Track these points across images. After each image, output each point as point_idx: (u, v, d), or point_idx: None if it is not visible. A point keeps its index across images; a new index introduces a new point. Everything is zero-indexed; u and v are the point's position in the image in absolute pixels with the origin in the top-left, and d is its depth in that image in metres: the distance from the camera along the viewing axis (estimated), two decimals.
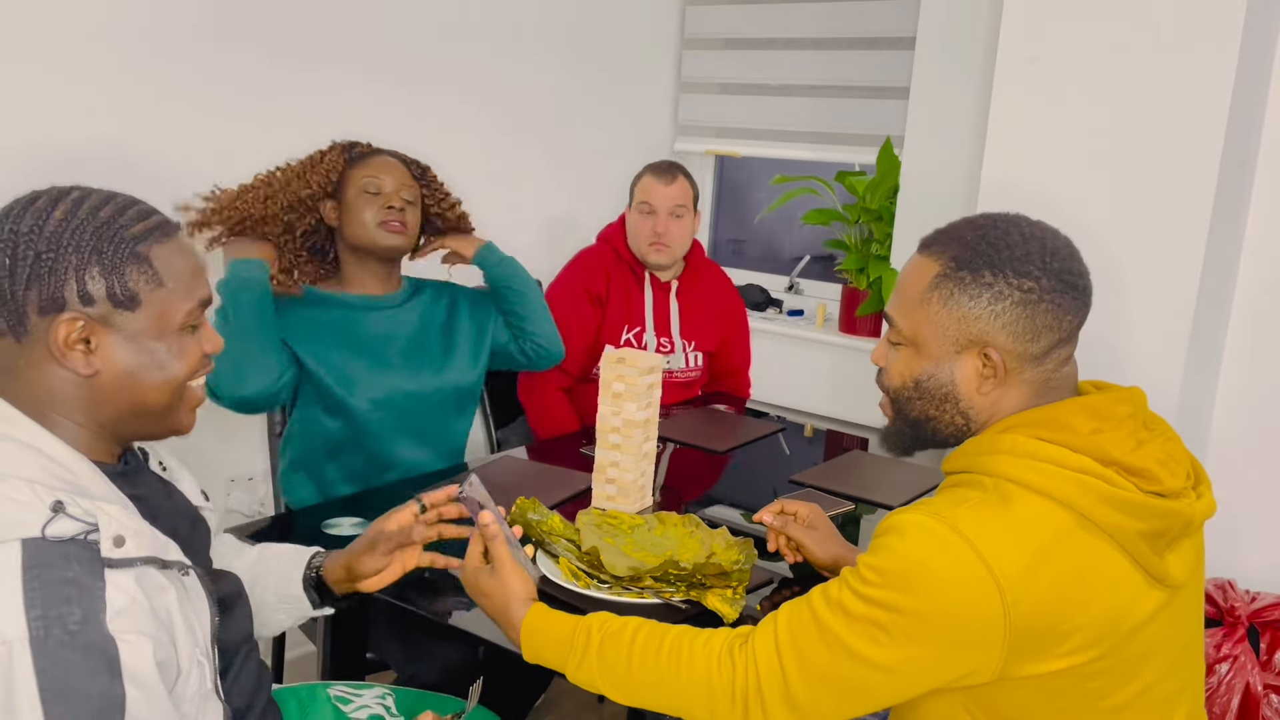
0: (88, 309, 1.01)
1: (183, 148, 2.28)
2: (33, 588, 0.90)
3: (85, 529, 0.95)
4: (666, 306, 2.65)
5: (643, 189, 2.60)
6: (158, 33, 2.20)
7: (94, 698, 0.91)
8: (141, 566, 0.99)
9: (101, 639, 0.92)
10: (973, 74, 2.78)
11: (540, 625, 1.25)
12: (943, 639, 1.04)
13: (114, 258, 1.02)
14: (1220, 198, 2.19)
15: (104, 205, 1.04)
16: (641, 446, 1.85)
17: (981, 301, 1.16)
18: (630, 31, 3.33)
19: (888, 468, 2.23)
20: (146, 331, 1.04)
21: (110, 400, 1.05)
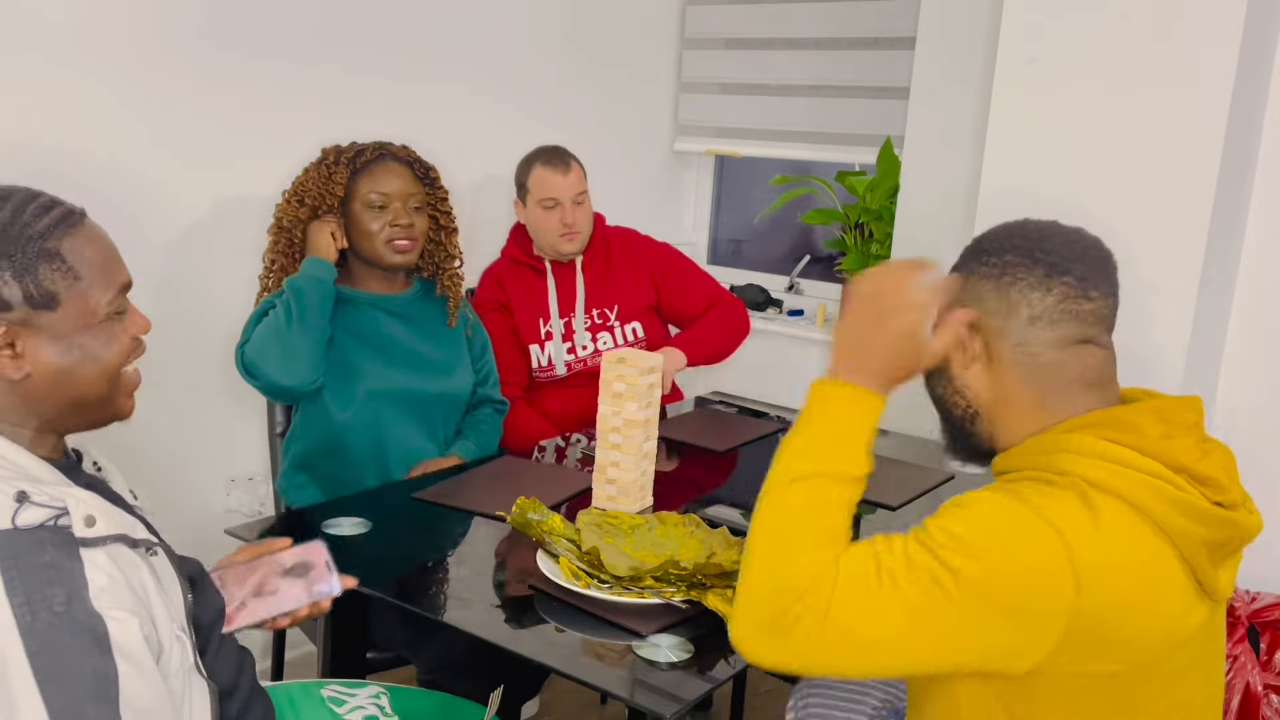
0: (6, 314, 1.00)
1: (179, 147, 2.28)
2: (11, 576, 0.91)
3: (55, 513, 0.96)
4: (572, 287, 2.61)
5: (541, 184, 2.52)
6: (154, 29, 2.20)
7: (87, 675, 0.92)
8: (113, 544, 1.00)
9: (88, 617, 0.93)
10: (973, 74, 2.78)
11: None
12: (1002, 606, 1.00)
13: (23, 259, 1.00)
14: (1221, 198, 2.20)
15: (3, 204, 1.02)
16: (642, 446, 1.85)
17: None
18: (630, 31, 3.33)
19: (888, 468, 2.23)
20: (71, 328, 1.04)
21: (46, 398, 1.05)
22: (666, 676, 1.34)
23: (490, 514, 1.79)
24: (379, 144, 2.14)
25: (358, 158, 2.10)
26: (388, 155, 2.12)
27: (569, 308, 2.60)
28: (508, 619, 1.48)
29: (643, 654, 1.38)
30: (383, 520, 1.76)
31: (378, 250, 2.09)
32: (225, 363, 2.26)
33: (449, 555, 1.68)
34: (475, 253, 2.94)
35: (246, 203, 2.38)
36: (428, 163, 2.18)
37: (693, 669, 1.36)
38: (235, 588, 1.32)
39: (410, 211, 2.10)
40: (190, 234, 2.31)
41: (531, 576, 1.57)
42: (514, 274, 2.61)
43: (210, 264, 2.34)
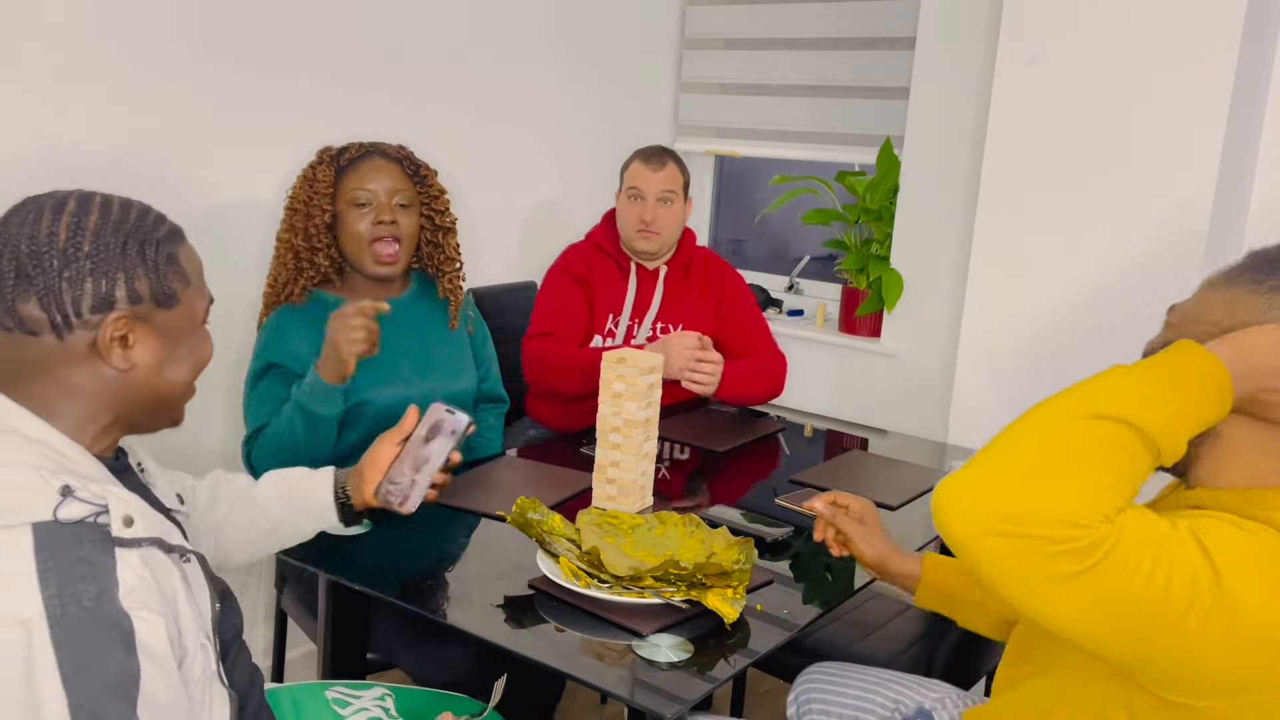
0: (134, 308, 1.06)
1: (175, 153, 2.28)
2: (46, 568, 0.93)
3: (95, 510, 0.98)
4: (650, 297, 2.60)
5: (631, 174, 2.55)
6: (148, 37, 2.20)
7: (110, 671, 0.93)
8: (148, 547, 1.02)
9: (116, 615, 0.95)
10: (973, 74, 2.79)
11: None
12: (1252, 638, 0.97)
13: (155, 259, 1.07)
14: (1220, 197, 2.20)
15: (128, 209, 1.08)
16: (642, 446, 1.85)
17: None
18: (630, 31, 3.33)
19: (886, 467, 2.23)
20: (178, 328, 1.10)
21: (135, 394, 1.08)
22: (666, 676, 1.34)
23: (490, 514, 1.79)
24: (369, 142, 2.09)
25: (342, 155, 2.05)
26: (375, 152, 2.06)
27: (640, 313, 2.58)
28: (508, 619, 1.48)
29: (643, 654, 1.38)
30: (383, 520, 1.76)
31: (362, 256, 2.02)
32: (224, 364, 2.26)
33: (449, 555, 1.68)
34: (479, 254, 2.95)
35: (249, 206, 2.38)
36: (420, 161, 2.13)
37: (693, 669, 1.36)
38: (399, 479, 1.51)
39: (396, 209, 2.02)
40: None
41: (532, 576, 1.58)
42: (599, 261, 2.59)
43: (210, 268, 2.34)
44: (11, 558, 0.92)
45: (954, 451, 2.44)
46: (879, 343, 3.05)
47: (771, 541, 1.77)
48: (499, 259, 3.04)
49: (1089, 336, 2.33)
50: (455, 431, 1.52)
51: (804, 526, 1.87)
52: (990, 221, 2.47)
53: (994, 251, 2.47)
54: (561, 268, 2.59)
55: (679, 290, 2.62)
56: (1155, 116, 2.22)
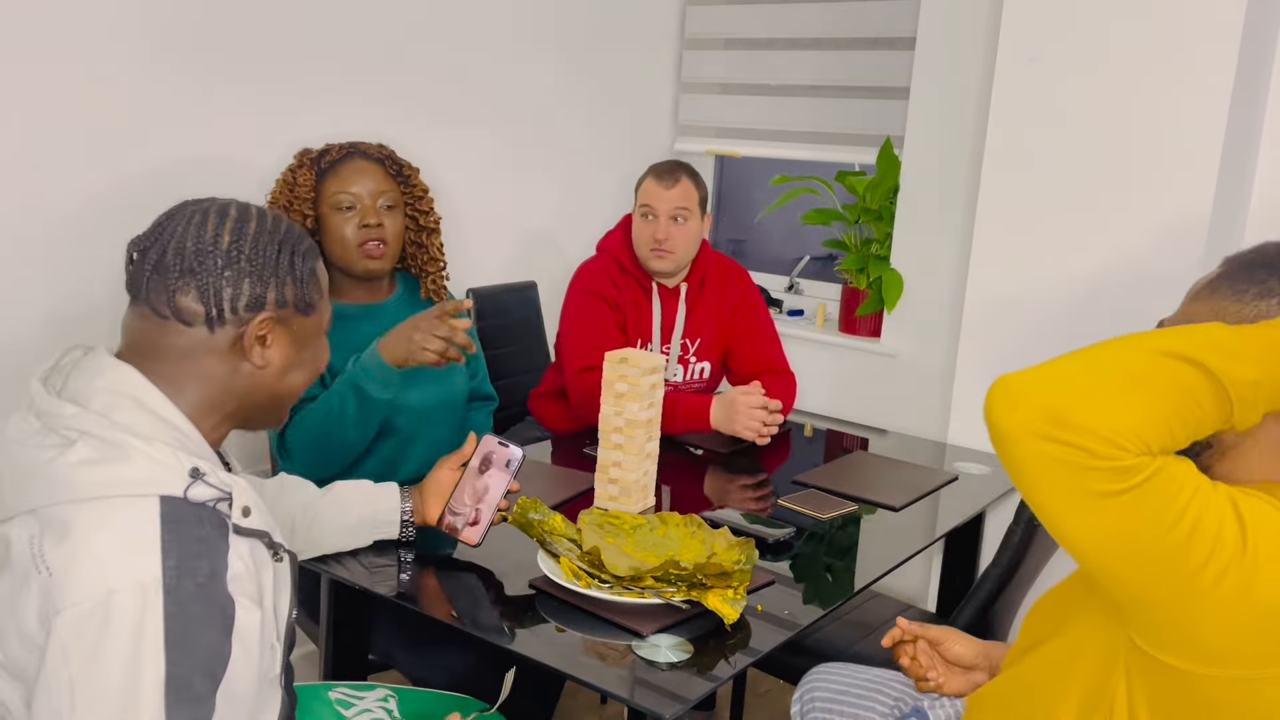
0: (281, 310, 1.13)
1: (172, 152, 2.28)
2: (170, 538, 0.98)
3: (220, 497, 1.04)
4: (674, 316, 2.56)
5: (644, 192, 2.49)
6: (156, 30, 2.21)
7: (206, 649, 0.98)
8: (256, 539, 1.08)
9: (222, 597, 1.00)
10: (973, 74, 2.79)
11: None
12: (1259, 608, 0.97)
13: (302, 268, 1.15)
14: (1220, 197, 2.20)
15: (280, 222, 1.17)
16: (644, 447, 1.85)
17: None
18: (630, 31, 3.33)
19: (888, 468, 2.23)
20: (310, 335, 1.18)
21: (260, 392, 1.15)
22: (666, 676, 1.34)
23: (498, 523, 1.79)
24: (348, 143, 2.07)
25: (323, 158, 2.03)
26: (355, 153, 2.03)
27: (667, 333, 2.54)
28: (508, 619, 1.48)
29: (643, 654, 1.38)
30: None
31: (350, 257, 2.01)
32: None
33: (449, 555, 1.68)
34: (479, 254, 2.95)
35: None
36: (402, 160, 2.11)
37: (693, 669, 1.36)
38: (460, 509, 1.61)
39: (381, 211, 2.00)
40: None
41: (532, 576, 1.58)
42: (624, 281, 2.52)
43: None
44: (140, 526, 0.98)
45: (954, 451, 2.44)
46: (879, 343, 3.05)
47: (773, 542, 1.77)
48: (498, 259, 3.04)
49: (1089, 336, 2.33)
50: (510, 463, 1.60)
51: (804, 527, 1.88)
52: (990, 221, 2.47)
53: (994, 251, 2.47)
54: (591, 290, 2.49)
55: (697, 304, 2.58)
56: (1155, 116, 2.22)
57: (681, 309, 2.56)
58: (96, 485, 0.99)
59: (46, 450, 1.02)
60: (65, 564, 0.96)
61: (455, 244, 2.90)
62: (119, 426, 1.03)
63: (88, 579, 0.95)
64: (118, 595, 0.94)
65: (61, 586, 0.95)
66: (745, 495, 2.05)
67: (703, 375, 2.60)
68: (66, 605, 0.94)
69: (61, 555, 0.96)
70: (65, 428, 1.03)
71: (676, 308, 2.56)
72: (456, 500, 1.62)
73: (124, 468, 1.00)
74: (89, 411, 1.03)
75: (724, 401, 2.30)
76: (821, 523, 1.90)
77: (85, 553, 0.96)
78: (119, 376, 1.07)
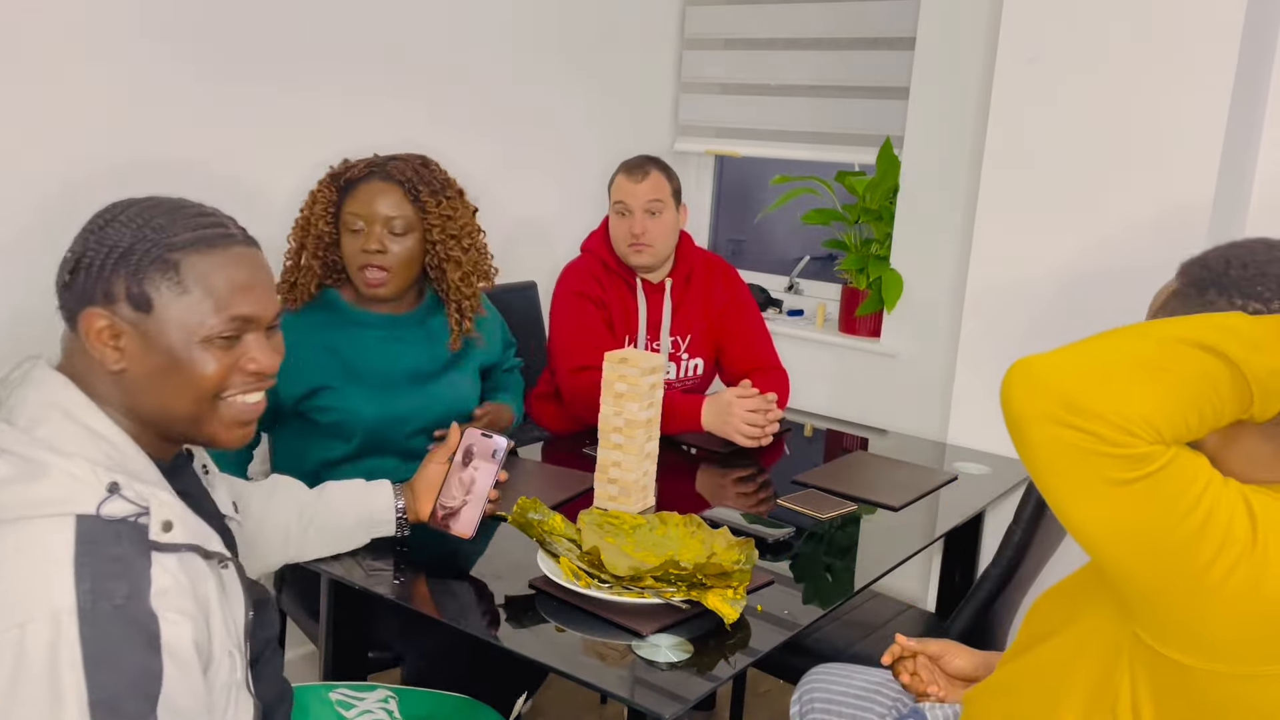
0: (111, 306, 1.06)
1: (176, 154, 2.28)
2: (83, 562, 0.95)
3: (136, 511, 1.01)
4: (659, 312, 2.56)
5: (616, 189, 2.49)
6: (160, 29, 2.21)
7: (133, 669, 0.95)
8: (185, 552, 1.04)
9: (144, 615, 0.97)
10: (973, 74, 2.79)
11: None
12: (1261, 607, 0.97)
13: (140, 261, 1.05)
14: (1220, 197, 2.20)
15: (165, 213, 1.08)
16: (644, 446, 1.85)
17: None
18: (630, 31, 3.33)
19: (888, 468, 2.23)
20: (166, 336, 1.07)
21: (140, 397, 1.08)
22: (666, 676, 1.34)
23: (492, 514, 1.79)
24: (373, 160, 2.03)
25: (345, 174, 2.00)
26: (376, 173, 1.99)
27: (654, 329, 2.54)
28: (508, 619, 1.48)
29: (643, 654, 1.38)
30: None
31: (355, 279, 1.99)
32: None
33: (449, 555, 1.68)
34: None
35: (255, 211, 2.38)
36: (432, 181, 2.02)
37: (693, 669, 1.36)
38: (450, 501, 1.63)
39: (388, 237, 1.95)
40: None
41: (532, 576, 1.58)
42: (608, 279, 2.52)
43: None
44: (53, 549, 0.95)
45: (954, 451, 2.44)
46: (879, 343, 3.06)
47: (772, 542, 1.77)
48: (498, 259, 3.03)
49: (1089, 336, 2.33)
50: (496, 453, 1.62)
51: (804, 527, 1.88)
52: (990, 221, 2.47)
53: (994, 251, 2.47)
54: (576, 291, 2.49)
55: (684, 300, 2.58)
56: (1155, 116, 2.22)
57: (667, 304, 2.56)
58: (14, 505, 0.97)
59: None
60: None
61: None
62: (39, 443, 1.00)
63: (2, 611, 0.93)
64: (30, 626, 0.92)
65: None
66: (745, 495, 2.05)
67: (696, 372, 2.60)
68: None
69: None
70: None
71: (662, 303, 2.56)
72: (445, 494, 1.64)
73: (40, 486, 0.98)
74: (14, 428, 1.02)
75: (717, 403, 2.29)
76: (821, 523, 1.90)
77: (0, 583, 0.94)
78: (51, 388, 1.05)
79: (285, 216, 2.15)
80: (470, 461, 1.64)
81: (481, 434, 1.64)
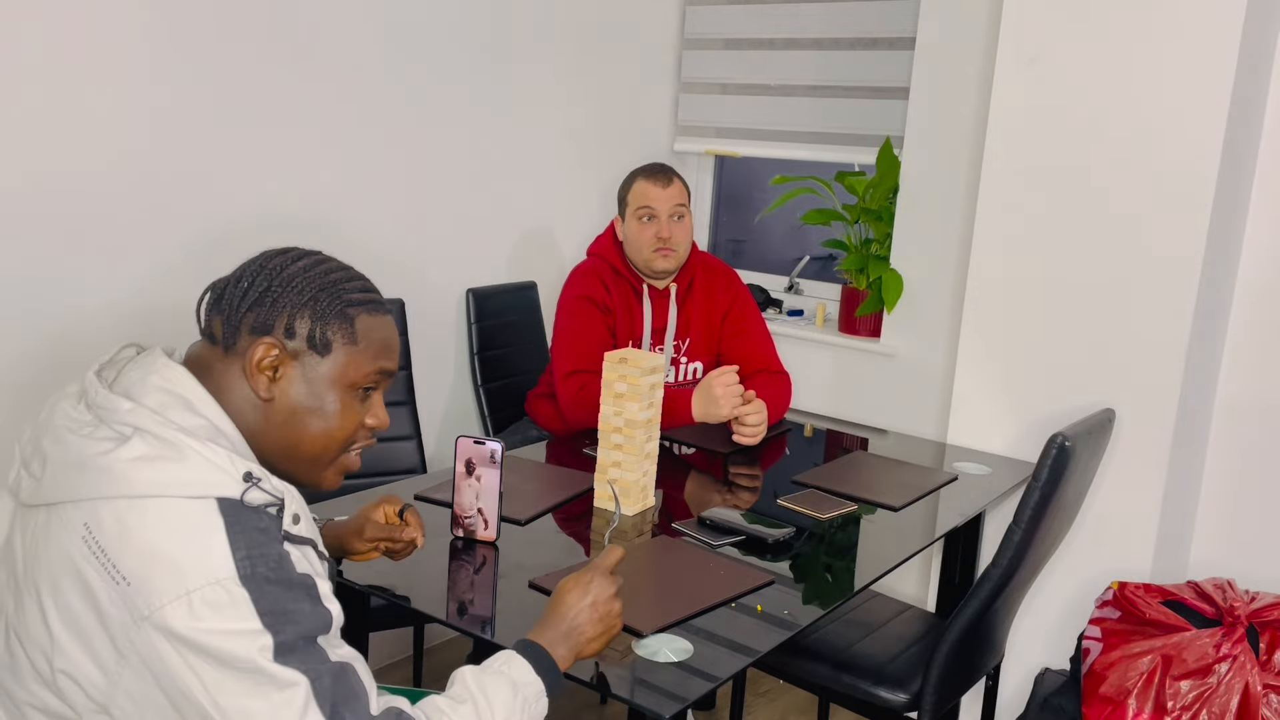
0: (287, 341, 1.13)
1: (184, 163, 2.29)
2: (235, 532, 1.00)
3: (273, 502, 1.06)
4: (665, 318, 2.57)
5: (639, 194, 2.49)
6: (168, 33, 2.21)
7: (307, 616, 1.02)
8: (306, 546, 1.09)
9: (299, 576, 1.04)
10: (973, 74, 2.79)
11: None
12: None
13: (326, 308, 1.14)
14: (1220, 199, 2.20)
15: (339, 270, 1.18)
16: (644, 447, 1.85)
17: None
18: (630, 31, 3.33)
19: (888, 468, 2.23)
20: (325, 378, 1.15)
21: (273, 429, 1.14)
22: (666, 676, 1.34)
23: None
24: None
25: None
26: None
27: (659, 335, 2.55)
28: (508, 619, 1.48)
29: (643, 653, 1.39)
30: None
31: None
32: None
33: (449, 556, 1.68)
34: (478, 254, 2.95)
35: (256, 210, 2.38)
36: None
37: (693, 669, 1.36)
38: (469, 513, 1.70)
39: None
40: (210, 247, 2.32)
41: (532, 576, 1.58)
42: (616, 284, 2.53)
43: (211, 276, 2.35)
44: (203, 524, 0.99)
45: (954, 452, 2.44)
46: (879, 343, 3.06)
47: (772, 542, 1.77)
48: (498, 259, 3.04)
49: (1089, 336, 2.34)
50: (494, 456, 1.67)
51: (804, 527, 1.88)
52: (990, 221, 2.47)
53: (994, 251, 2.47)
54: (583, 295, 2.49)
55: (686, 304, 2.59)
56: (1155, 116, 2.22)
57: (673, 310, 2.57)
58: (153, 484, 1.00)
59: (100, 443, 1.02)
60: (138, 571, 0.97)
61: (455, 244, 2.90)
62: (174, 426, 1.04)
63: (167, 583, 0.96)
64: (195, 595, 0.96)
65: (143, 594, 0.96)
66: (745, 495, 2.05)
67: (695, 375, 2.60)
68: (151, 610, 0.96)
69: (130, 562, 0.97)
70: (119, 422, 1.03)
71: (667, 309, 2.57)
72: (460, 507, 1.70)
73: (180, 468, 1.01)
74: (143, 407, 1.04)
75: (702, 391, 2.30)
76: (821, 523, 1.90)
77: (157, 556, 0.97)
78: (173, 376, 1.09)
79: None
80: (474, 471, 1.68)
81: (474, 441, 1.68)
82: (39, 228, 2.07)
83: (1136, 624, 2.16)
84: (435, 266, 2.85)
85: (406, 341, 2.60)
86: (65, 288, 2.12)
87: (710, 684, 1.34)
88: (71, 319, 2.13)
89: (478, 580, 1.60)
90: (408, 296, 2.74)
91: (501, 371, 2.94)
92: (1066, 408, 2.37)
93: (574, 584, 1.28)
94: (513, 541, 1.72)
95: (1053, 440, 1.82)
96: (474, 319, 2.88)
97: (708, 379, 2.29)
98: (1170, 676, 2.02)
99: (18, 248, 2.04)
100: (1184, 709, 2.00)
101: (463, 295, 2.91)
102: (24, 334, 2.07)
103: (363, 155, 2.63)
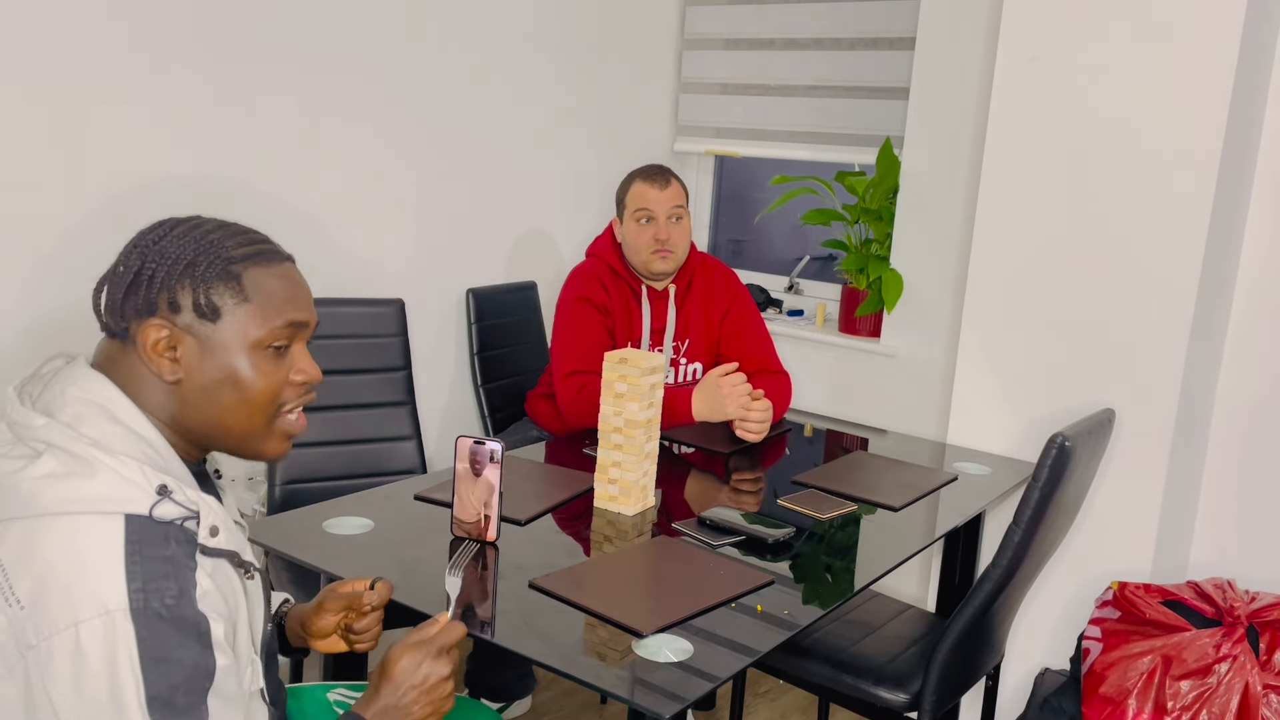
0: (174, 316, 1.06)
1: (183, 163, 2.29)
2: (134, 560, 0.97)
3: (187, 515, 1.02)
4: (664, 319, 2.57)
5: (637, 196, 2.49)
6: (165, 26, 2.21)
7: (188, 665, 0.97)
8: (221, 559, 1.06)
9: (194, 614, 0.99)
10: (973, 74, 2.79)
11: None
12: None
13: (205, 271, 1.07)
14: (1220, 197, 2.20)
15: (217, 230, 1.11)
16: (644, 447, 1.85)
17: None
18: (630, 31, 3.33)
19: (888, 468, 2.23)
20: (226, 344, 1.08)
21: (194, 409, 1.09)
22: (666, 676, 1.34)
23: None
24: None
25: None
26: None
27: (658, 336, 2.55)
28: (508, 619, 1.48)
29: (643, 654, 1.38)
30: (384, 520, 1.77)
31: None
32: None
33: (450, 554, 1.68)
34: (478, 254, 2.95)
35: (255, 208, 2.38)
36: None
37: (693, 669, 1.36)
38: (471, 515, 1.70)
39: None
40: None
41: (532, 576, 1.58)
42: (616, 286, 2.52)
43: None
44: (104, 548, 0.96)
45: (954, 452, 2.44)
46: (879, 343, 3.06)
47: (772, 542, 1.77)
48: (498, 259, 3.04)
49: (1089, 336, 2.34)
50: (494, 455, 1.68)
51: (804, 527, 1.88)
52: (990, 221, 2.47)
53: (994, 251, 2.47)
54: (583, 297, 2.49)
55: (685, 305, 2.59)
56: (1155, 116, 2.22)
57: (671, 311, 2.57)
58: (60, 501, 0.97)
59: (14, 461, 1.00)
60: (33, 596, 0.94)
61: (455, 244, 2.90)
62: (85, 439, 1.00)
63: (55, 611, 0.93)
64: (83, 626, 0.93)
65: (33, 620, 0.93)
66: (745, 495, 2.05)
67: (695, 376, 2.60)
68: (39, 639, 0.93)
69: (28, 585, 0.94)
70: (34, 439, 1.01)
71: (666, 310, 2.57)
72: (462, 510, 1.71)
73: (89, 483, 0.98)
74: (57, 423, 1.01)
75: (705, 389, 2.29)
76: (821, 523, 1.90)
77: (51, 581, 0.94)
78: (92, 387, 1.05)
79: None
80: (474, 471, 1.69)
81: (474, 441, 1.69)
82: (58, 227, 2.06)
83: (1136, 624, 2.16)
84: (435, 266, 2.85)
85: (406, 341, 2.60)
86: (60, 288, 2.12)
87: (710, 684, 1.34)
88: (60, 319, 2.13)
89: (477, 580, 1.60)
90: (408, 296, 2.74)
91: (501, 371, 2.94)
92: (1066, 408, 2.37)
93: (406, 655, 1.15)
94: (512, 542, 1.72)
95: (1053, 440, 1.82)
96: (474, 319, 2.88)
97: (711, 376, 2.29)
98: (1170, 676, 2.02)
99: (18, 247, 2.04)
100: (1184, 709, 2.00)
101: (463, 295, 2.91)
102: (18, 333, 2.07)
103: (363, 156, 2.63)
